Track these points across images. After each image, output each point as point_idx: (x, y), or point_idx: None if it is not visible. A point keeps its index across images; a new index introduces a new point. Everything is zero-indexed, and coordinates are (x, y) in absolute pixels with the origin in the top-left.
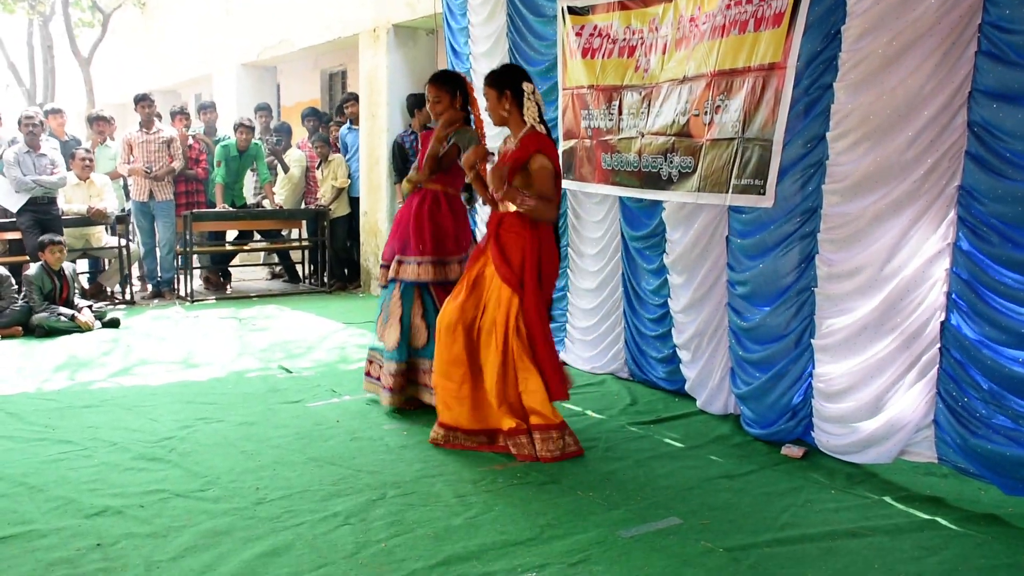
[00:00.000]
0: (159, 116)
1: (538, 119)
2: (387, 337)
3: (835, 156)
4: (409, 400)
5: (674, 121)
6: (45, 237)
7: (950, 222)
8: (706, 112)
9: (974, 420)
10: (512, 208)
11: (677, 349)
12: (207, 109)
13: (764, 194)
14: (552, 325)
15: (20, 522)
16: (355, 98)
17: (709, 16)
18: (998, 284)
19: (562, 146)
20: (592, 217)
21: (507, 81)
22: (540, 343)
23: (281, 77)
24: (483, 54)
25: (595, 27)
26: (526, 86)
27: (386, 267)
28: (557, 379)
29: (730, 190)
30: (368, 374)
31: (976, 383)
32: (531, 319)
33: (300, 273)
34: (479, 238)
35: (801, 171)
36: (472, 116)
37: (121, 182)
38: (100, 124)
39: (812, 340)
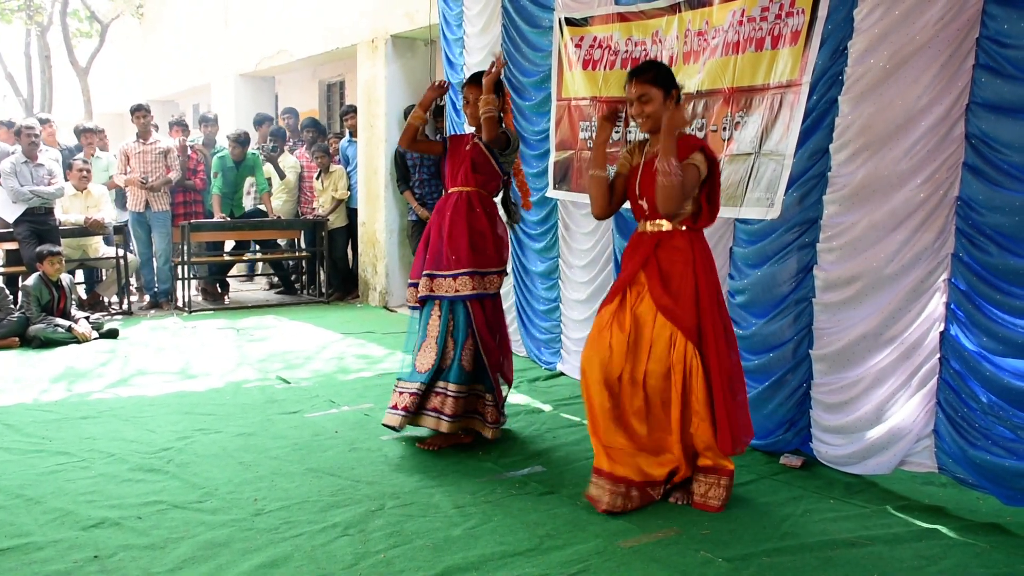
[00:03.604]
0: (156, 127)
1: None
2: (423, 360)
3: (836, 167)
4: (467, 432)
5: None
6: (44, 248)
7: (948, 232)
8: (724, 128)
9: (973, 431)
10: (667, 227)
11: None
12: (209, 122)
13: (772, 206)
14: (546, 336)
15: (17, 534)
16: (355, 110)
17: (719, 31)
18: (996, 295)
19: (555, 156)
20: (582, 228)
21: (674, 81)
22: (718, 390)
23: (279, 87)
24: (477, 65)
25: (595, 38)
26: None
27: (414, 286)
28: (726, 432)
29: (743, 203)
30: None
31: (975, 394)
32: (714, 364)
33: (295, 284)
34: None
35: (804, 183)
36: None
37: (115, 192)
38: (88, 136)
39: (810, 351)
